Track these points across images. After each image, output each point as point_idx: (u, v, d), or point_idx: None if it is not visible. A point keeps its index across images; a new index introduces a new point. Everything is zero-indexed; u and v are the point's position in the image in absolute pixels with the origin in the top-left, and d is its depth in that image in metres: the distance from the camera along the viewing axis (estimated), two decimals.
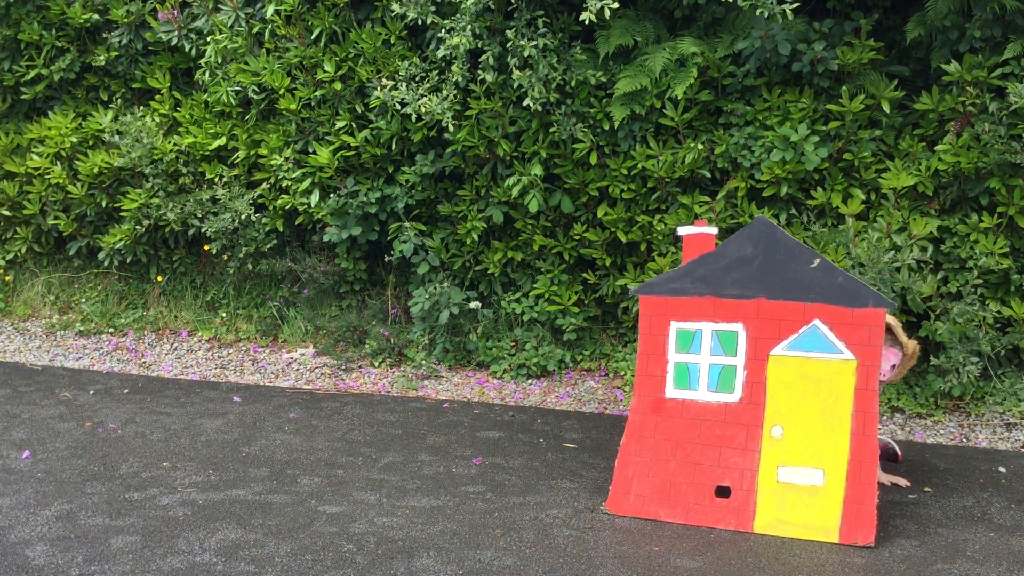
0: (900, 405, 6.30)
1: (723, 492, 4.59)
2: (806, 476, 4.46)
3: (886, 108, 6.18)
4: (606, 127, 6.67)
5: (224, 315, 8.17)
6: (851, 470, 4.40)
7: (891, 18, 6.59)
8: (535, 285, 7.18)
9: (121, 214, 8.11)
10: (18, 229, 8.63)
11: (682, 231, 4.89)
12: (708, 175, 6.57)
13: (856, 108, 6.15)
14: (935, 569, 4.09)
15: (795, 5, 5.88)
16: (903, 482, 5.06)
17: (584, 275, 7.16)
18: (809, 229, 6.35)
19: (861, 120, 6.30)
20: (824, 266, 4.56)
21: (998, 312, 6.05)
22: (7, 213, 8.51)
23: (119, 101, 8.26)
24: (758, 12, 5.84)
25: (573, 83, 6.61)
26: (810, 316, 4.55)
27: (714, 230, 4.84)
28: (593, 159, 6.74)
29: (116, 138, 7.87)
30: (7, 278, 8.83)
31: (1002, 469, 5.38)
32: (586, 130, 6.71)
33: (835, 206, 6.30)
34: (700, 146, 6.47)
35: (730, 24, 6.50)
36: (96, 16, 8.06)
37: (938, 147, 6.10)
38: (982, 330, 6.00)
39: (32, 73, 8.23)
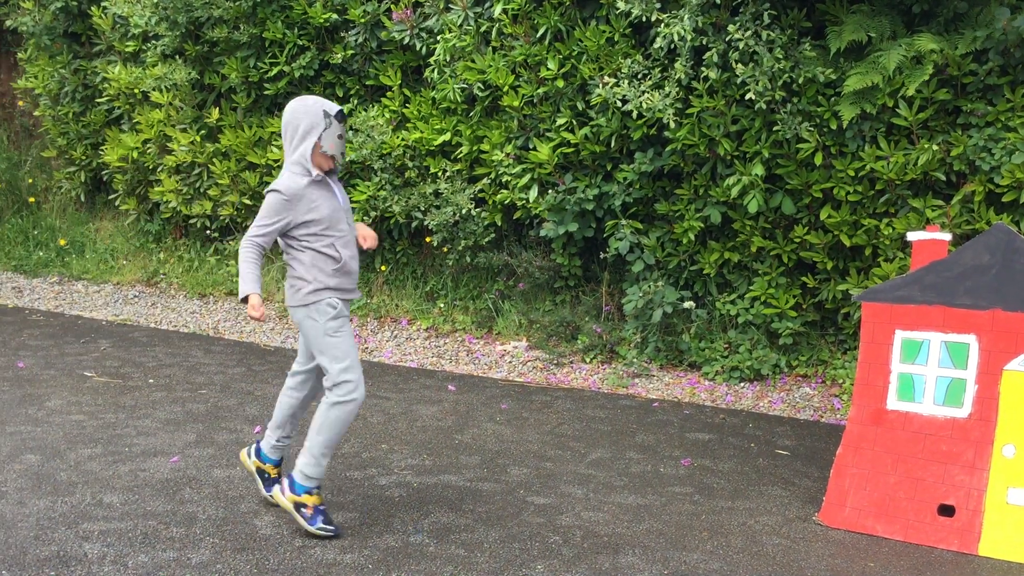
0: None
1: (946, 511, 4.36)
2: None
3: None
4: (833, 126, 6.45)
5: (442, 306, 8.42)
6: None
7: None
8: (751, 287, 7.03)
9: (350, 205, 8.49)
10: None
11: (912, 236, 4.68)
12: (943, 178, 6.25)
13: None
14: None
15: None
16: None
17: (803, 278, 6.95)
18: None
19: None
20: None
21: None
22: (248, 202, 9.08)
23: (354, 99, 8.64)
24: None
25: (800, 80, 6.42)
26: None
27: (947, 236, 4.61)
28: (818, 159, 6.53)
29: (349, 133, 8.25)
30: None
31: None
32: (812, 129, 6.50)
33: None
34: (935, 147, 6.15)
35: (973, 19, 6.15)
36: (335, 16, 8.46)
37: None
38: None
39: (275, 70, 8.73)
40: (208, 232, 9.68)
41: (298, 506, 4.19)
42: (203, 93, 9.42)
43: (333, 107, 4.19)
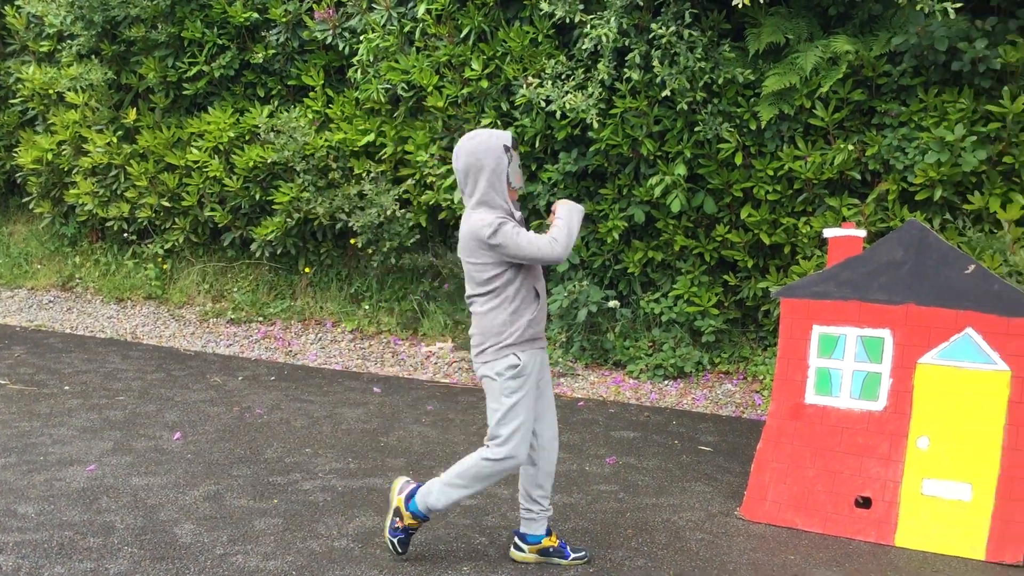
0: None
1: (864, 503, 4.45)
2: (953, 490, 4.28)
3: None
4: (753, 127, 6.55)
5: (367, 307, 8.37)
6: (1001, 486, 4.20)
7: None
8: (675, 286, 7.11)
9: (273, 207, 8.39)
10: (177, 220, 9.03)
11: (828, 233, 4.77)
12: (858, 177, 6.38)
13: (1018, 109, 5.86)
14: None
15: (958, 5, 5.64)
16: None
17: (725, 277, 7.04)
18: (964, 234, 6.09)
19: (1023, 122, 6.02)
20: (979, 273, 4.37)
21: None
22: (167, 204, 8.91)
23: (276, 99, 8.54)
24: (918, 7, 5.64)
25: (720, 81, 6.51)
26: (962, 324, 4.37)
27: (862, 233, 4.70)
28: (738, 159, 6.63)
29: (271, 135, 8.14)
30: (165, 266, 9.25)
31: None
32: (732, 130, 6.60)
33: (993, 211, 6.02)
34: (851, 147, 6.28)
35: (887, 22, 6.29)
36: (256, 15, 8.35)
37: None
38: None
39: (194, 70, 8.59)
40: (125, 235, 9.48)
41: (397, 512, 4.00)
42: (120, 93, 9.23)
43: (508, 136, 3.88)
